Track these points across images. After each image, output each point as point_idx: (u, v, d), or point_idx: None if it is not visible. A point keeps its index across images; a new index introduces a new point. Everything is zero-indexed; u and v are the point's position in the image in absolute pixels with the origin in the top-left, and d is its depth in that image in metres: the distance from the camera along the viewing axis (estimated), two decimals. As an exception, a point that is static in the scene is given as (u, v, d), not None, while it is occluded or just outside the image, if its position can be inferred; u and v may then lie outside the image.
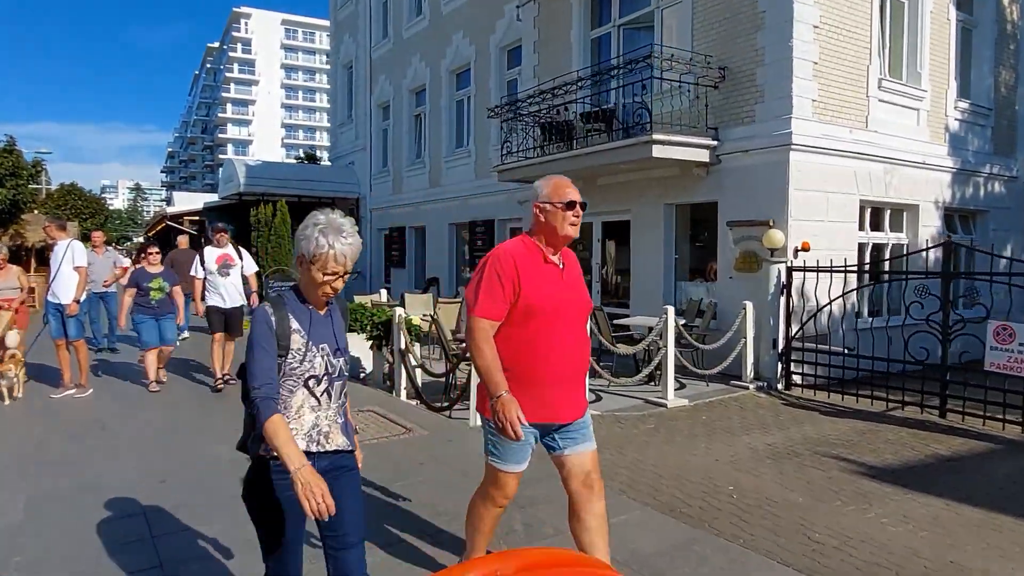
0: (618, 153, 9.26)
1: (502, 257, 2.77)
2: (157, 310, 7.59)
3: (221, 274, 7.72)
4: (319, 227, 2.20)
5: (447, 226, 16.62)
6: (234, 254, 7.94)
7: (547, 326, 2.71)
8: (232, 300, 7.78)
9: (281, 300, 2.26)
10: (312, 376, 2.25)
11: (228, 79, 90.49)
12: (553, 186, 2.88)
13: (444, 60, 16.50)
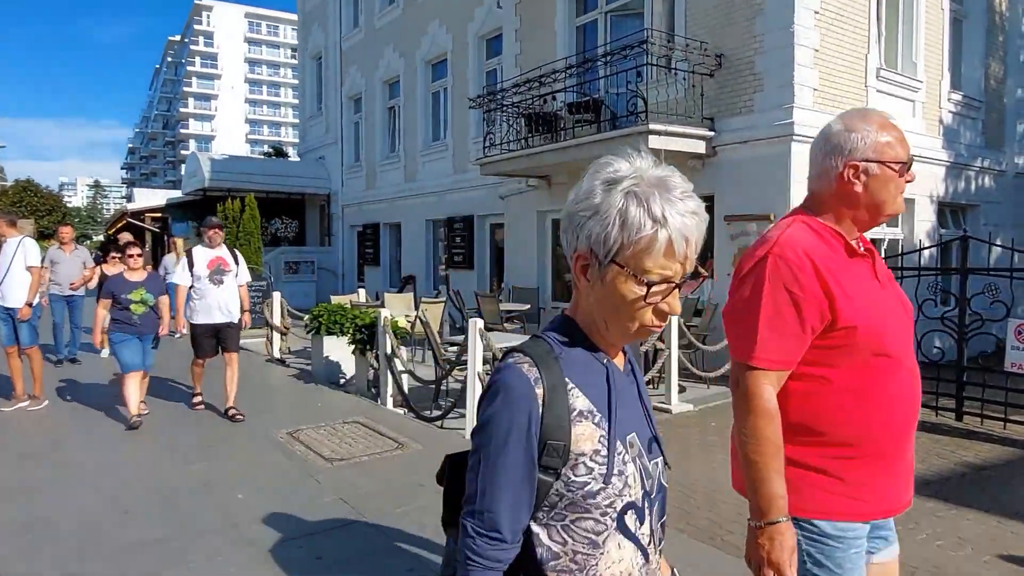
0: (611, 144, 8.79)
1: (791, 258, 1.68)
2: (140, 327, 6.09)
3: (213, 282, 6.29)
4: (625, 186, 1.12)
5: (424, 222, 16.05)
6: (229, 258, 6.49)
7: (880, 363, 1.67)
8: (224, 314, 6.34)
9: (547, 348, 1.15)
10: (629, 505, 1.13)
11: (190, 73, 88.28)
12: (881, 130, 1.73)
13: (419, 50, 15.91)
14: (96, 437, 5.77)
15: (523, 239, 12.27)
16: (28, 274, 6.69)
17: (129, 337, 6.04)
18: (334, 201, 20.21)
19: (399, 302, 10.76)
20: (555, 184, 11.55)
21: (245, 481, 4.59)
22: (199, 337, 6.39)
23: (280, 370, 9.08)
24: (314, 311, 8.44)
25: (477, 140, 13.99)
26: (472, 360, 5.74)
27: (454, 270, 14.83)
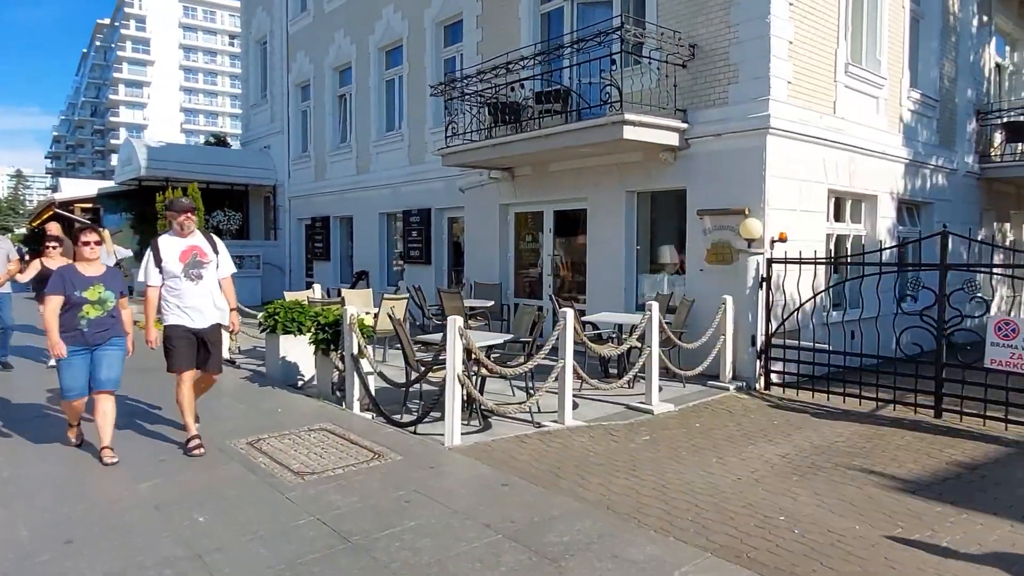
0: (583, 135, 8.50)
1: None
2: (90, 336, 4.82)
3: (189, 277, 5.12)
4: None
5: (377, 216, 15.45)
6: (206, 246, 5.29)
7: None
8: (206, 317, 5.20)
9: None
10: None
11: (121, 59, 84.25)
12: None
13: (372, 36, 15.28)
14: (28, 452, 5.12)
15: (484, 234, 11.87)
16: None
17: (77, 351, 4.79)
18: (280, 193, 19.36)
19: (357, 299, 10.20)
20: (519, 176, 11.20)
21: (205, 501, 4.08)
22: (176, 341, 5.06)
23: (230, 372, 8.45)
24: (269, 308, 7.86)
25: (435, 130, 13.52)
26: (451, 361, 5.33)
27: (410, 265, 14.32)
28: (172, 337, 5.08)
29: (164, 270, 5.08)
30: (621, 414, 6.69)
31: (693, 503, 4.23)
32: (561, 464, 4.93)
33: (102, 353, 4.88)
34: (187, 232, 5.24)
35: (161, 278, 5.10)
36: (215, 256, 5.35)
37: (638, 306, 9.76)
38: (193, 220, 5.30)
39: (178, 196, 12.61)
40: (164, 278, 5.09)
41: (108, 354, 4.91)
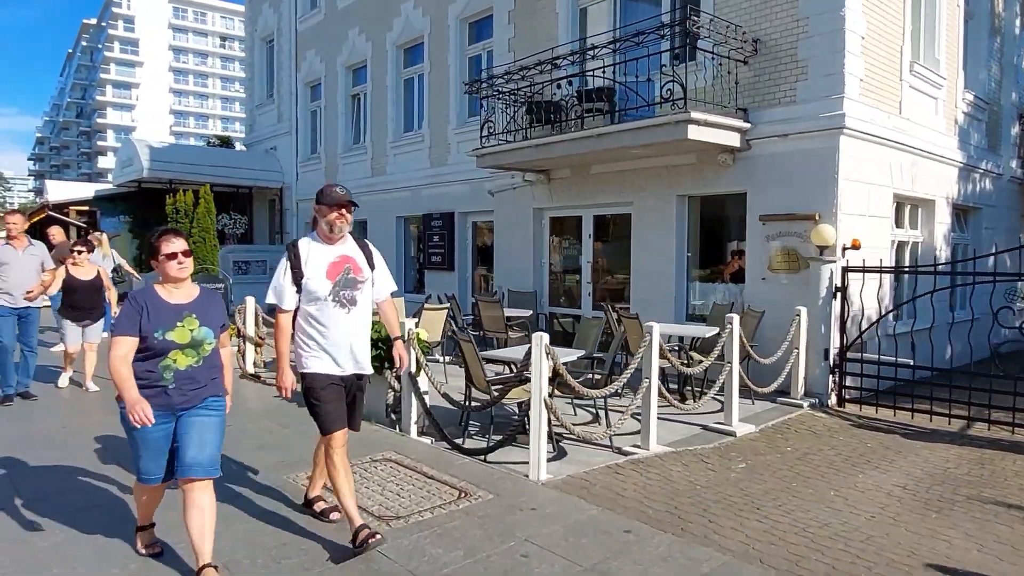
0: (641, 135, 7.94)
1: None
2: (178, 398, 3.20)
3: (339, 301, 3.58)
4: None
5: (394, 220, 14.84)
6: (361, 259, 3.71)
7: None
8: (360, 359, 3.71)
9: None
10: None
11: (108, 59, 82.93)
12: None
13: (390, 33, 14.69)
14: (42, 502, 4.47)
15: (516, 239, 11.29)
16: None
17: (161, 415, 3.11)
18: (287, 195, 18.69)
19: None
20: (556, 179, 10.64)
21: (273, 557, 3.45)
22: (322, 393, 3.56)
23: (260, 389, 7.81)
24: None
25: (459, 131, 12.96)
26: (538, 382, 4.75)
27: (431, 271, 13.71)
28: (316, 389, 3.57)
29: (306, 289, 3.54)
30: (701, 436, 6.13)
31: (847, 549, 3.68)
32: (675, 502, 4.36)
33: (193, 420, 3.22)
34: (338, 236, 3.62)
35: (297, 300, 3.58)
36: (370, 272, 3.73)
37: (688, 316, 9.23)
38: (348, 219, 3.63)
39: (185, 199, 11.95)
40: (303, 301, 3.57)
41: (202, 422, 3.23)
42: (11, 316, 6.80)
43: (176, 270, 3.24)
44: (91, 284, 7.36)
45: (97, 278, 7.41)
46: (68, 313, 7.34)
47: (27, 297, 6.75)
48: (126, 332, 3.13)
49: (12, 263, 6.74)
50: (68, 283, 7.16)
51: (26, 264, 6.81)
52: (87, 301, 7.35)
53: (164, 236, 3.28)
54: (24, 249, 6.84)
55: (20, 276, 6.73)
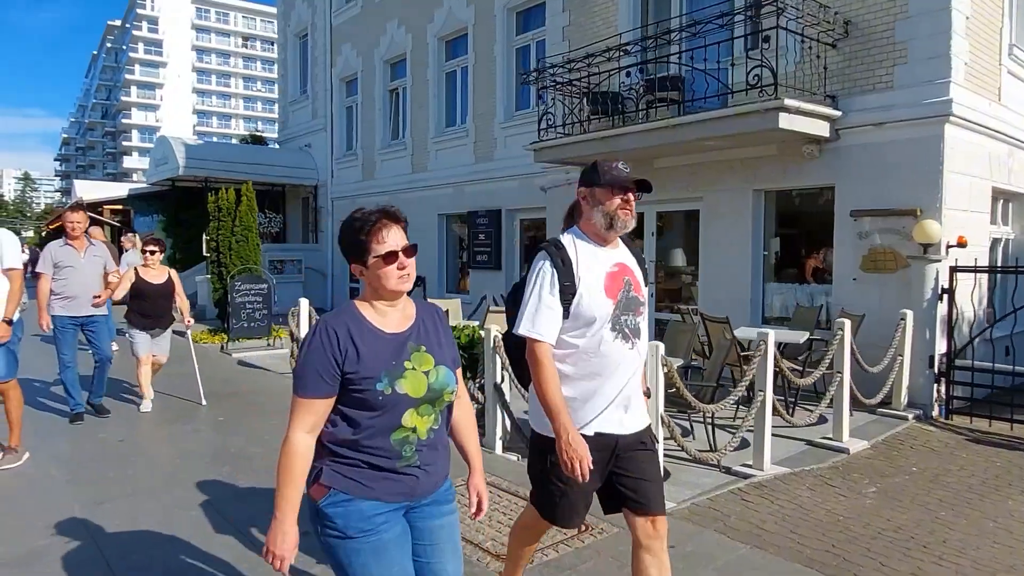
0: (723, 124, 7.38)
1: None
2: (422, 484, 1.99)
3: (620, 330, 2.41)
4: None
5: (436, 217, 14.38)
6: (637, 269, 2.58)
7: None
8: (636, 413, 2.52)
9: None
10: None
11: (132, 60, 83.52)
12: None
13: (431, 25, 14.22)
14: (107, 516, 4.03)
15: (571, 237, 10.75)
16: (4, 280, 4.89)
17: (385, 511, 1.94)
18: (322, 193, 18.30)
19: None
20: (615, 174, 10.08)
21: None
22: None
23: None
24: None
25: (506, 125, 12.47)
26: (655, 396, 4.23)
27: (476, 270, 13.23)
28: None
29: (576, 314, 2.39)
30: (811, 453, 5.58)
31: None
32: (827, 538, 3.81)
33: (437, 523, 2.07)
34: (612, 237, 2.50)
35: (556, 329, 2.39)
36: (644, 287, 2.57)
37: (763, 319, 8.66)
38: (632, 210, 2.52)
39: (228, 196, 11.53)
40: (565, 331, 2.40)
41: (451, 522, 2.12)
42: (72, 328, 6.10)
43: (397, 280, 1.98)
44: (162, 289, 6.65)
45: (168, 282, 6.70)
46: (137, 320, 6.57)
47: (95, 303, 6.12)
48: (315, 392, 1.86)
49: (74, 266, 6.01)
50: (137, 287, 6.48)
51: (89, 267, 6.13)
52: (158, 307, 6.64)
53: (377, 224, 2.00)
54: (85, 250, 6.14)
55: (83, 281, 6.06)
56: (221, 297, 11.05)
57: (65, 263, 5.99)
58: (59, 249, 6.04)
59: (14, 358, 4.98)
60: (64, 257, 6.01)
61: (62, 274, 5.97)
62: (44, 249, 6.04)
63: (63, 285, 5.99)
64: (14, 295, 4.89)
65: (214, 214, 11.19)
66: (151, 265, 6.64)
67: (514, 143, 12.33)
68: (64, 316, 6.02)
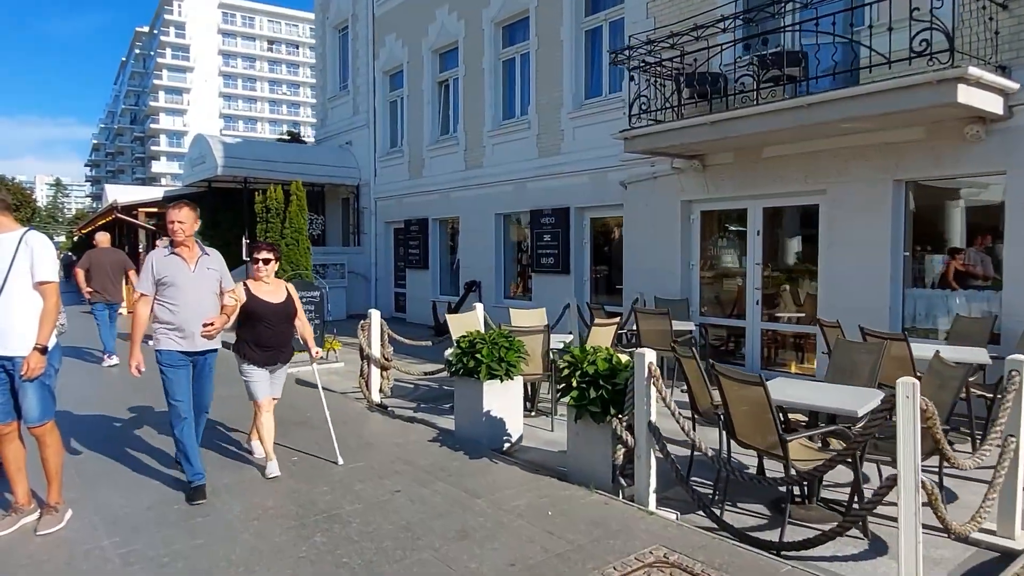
0: (884, 100, 6.13)
1: None
2: None
3: None
4: None
5: (493, 217, 13.27)
6: None
7: None
8: None
9: None
10: None
11: (160, 65, 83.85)
12: None
13: (487, 10, 13.14)
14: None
15: (657, 237, 9.61)
16: (38, 296, 3.86)
17: None
18: (364, 193, 17.32)
19: (461, 325, 7.55)
20: (712, 166, 8.94)
21: None
22: None
23: (398, 427, 6.28)
24: (462, 341, 5.68)
25: (576, 115, 11.35)
26: (910, 450, 3.07)
27: (541, 274, 12.11)
28: None
29: None
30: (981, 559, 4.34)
31: None
32: None
33: None
34: None
35: None
36: None
37: (903, 331, 7.42)
38: None
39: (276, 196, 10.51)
40: None
41: None
42: (186, 366, 4.47)
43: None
44: (281, 310, 4.92)
45: (288, 301, 5.00)
46: (252, 353, 4.83)
47: (205, 333, 4.48)
48: None
49: (183, 284, 4.42)
50: (251, 309, 4.80)
51: (202, 284, 4.51)
52: (278, 335, 4.91)
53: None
54: (197, 261, 4.50)
55: (195, 302, 4.46)
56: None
57: (172, 279, 4.41)
58: (164, 260, 4.45)
59: (50, 395, 3.95)
60: (171, 271, 4.42)
61: (168, 294, 4.43)
62: (144, 260, 4.57)
63: (172, 310, 4.42)
64: (49, 315, 3.86)
65: (261, 215, 10.19)
66: (265, 279, 4.98)
67: (584, 135, 11.22)
68: (176, 351, 4.44)
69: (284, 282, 5.17)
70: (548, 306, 9.23)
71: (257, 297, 4.85)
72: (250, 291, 4.84)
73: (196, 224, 4.57)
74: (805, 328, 8.29)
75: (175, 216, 4.47)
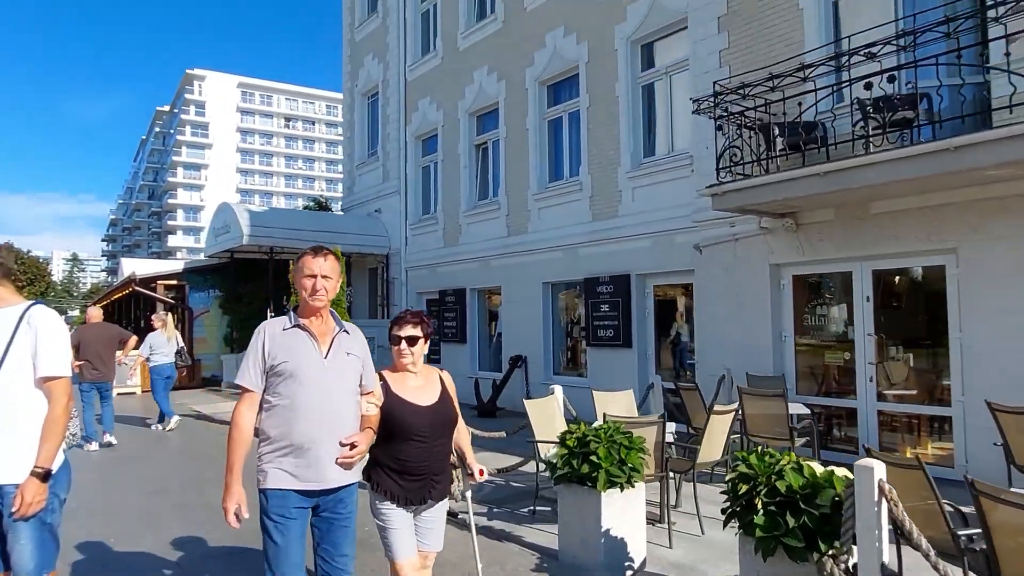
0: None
1: None
2: None
3: None
4: None
5: (540, 287, 12.26)
6: None
7: None
8: None
9: None
10: None
11: (180, 142, 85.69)
12: None
13: (531, 68, 12.53)
14: None
15: (739, 305, 8.53)
16: (41, 394, 2.78)
17: None
18: (394, 263, 16.43)
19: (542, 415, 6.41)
20: (807, 224, 7.93)
21: None
22: None
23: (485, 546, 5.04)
24: (569, 439, 4.53)
25: (634, 174, 10.49)
26: None
27: (597, 348, 10.98)
28: None
29: None
30: None
31: None
32: None
33: None
34: None
35: None
36: None
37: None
38: None
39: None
40: None
41: None
42: (302, 513, 2.79)
43: None
44: (439, 416, 3.13)
45: (445, 399, 3.18)
46: (390, 484, 3.01)
47: (344, 460, 2.79)
48: None
49: (310, 377, 2.78)
50: (391, 416, 3.00)
51: (339, 377, 2.86)
52: (432, 454, 3.09)
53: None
54: (332, 342, 2.89)
55: (326, 407, 2.80)
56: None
57: (294, 367, 2.77)
58: (283, 336, 2.83)
59: (52, 538, 2.81)
60: (293, 355, 2.79)
61: (286, 391, 2.76)
62: (255, 336, 2.86)
63: (289, 419, 2.75)
64: (56, 424, 2.76)
65: (295, 288, 9.17)
66: (411, 367, 3.13)
67: (645, 195, 10.33)
68: (292, 491, 2.75)
69: (436, 369, 3.31)
70: (606, 383, 8.16)
71: (402, 399, 3.04)
72: (390, 388, 3.06)
73: (339, 278, 2.99)
74: (935, 409, 7.09)
75: (316, 267, 2.83)
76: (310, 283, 2.83)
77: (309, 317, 2.88)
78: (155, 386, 10.65)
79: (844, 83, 6.61)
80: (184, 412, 12.32)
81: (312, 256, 2.89)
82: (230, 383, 15.61)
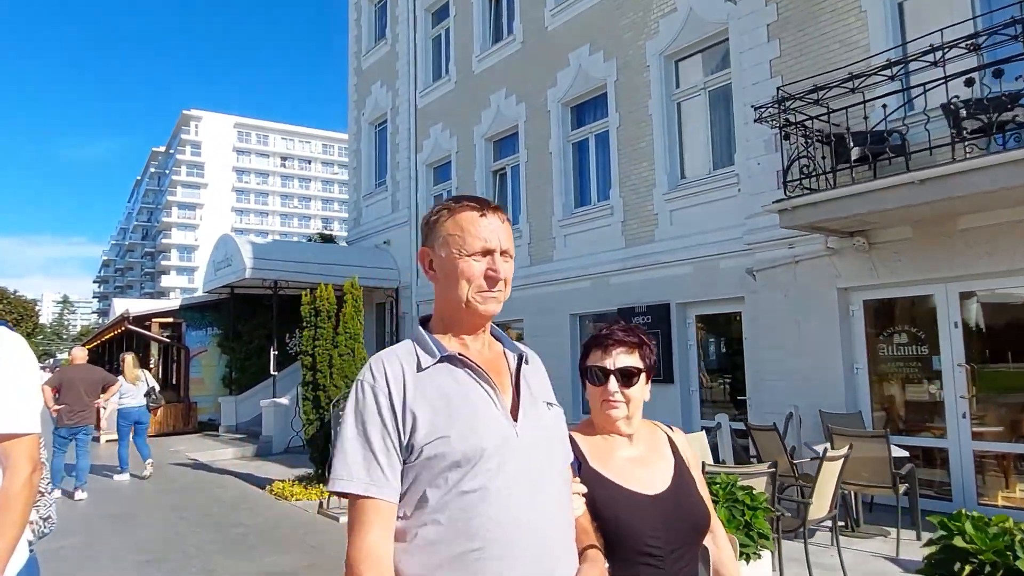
0: None
1: None
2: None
3: None
4: None
5: (567, 318, 11.42)
6: None
7: None
8: None
9: None
10: None
11: (175, 182, 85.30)
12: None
13: (553, 89, 11.89)
14: None
15: (805, 334, 7.70)
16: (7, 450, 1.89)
17: None
18: (404, 297, 15.58)
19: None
20: (880, 243, 7.16)
21: None
22: None
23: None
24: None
25: (671, 196, 9.76)
26: None
27: (634, 385, 10.07)
28: None
29: None
30: None
31: None
32: None
33: None
34: None
35: None
36: None
37: None
38: None
39: (326, 295, 8.70)
40: None
41: None
42: None
43: None
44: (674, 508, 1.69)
45: (681, 482, 1.76)
46: None
47: None
48: None
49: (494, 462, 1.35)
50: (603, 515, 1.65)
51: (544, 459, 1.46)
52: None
53: None
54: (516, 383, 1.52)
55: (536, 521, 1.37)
56: (317, 431, 8.01)
57: (464, 447, 1.33)
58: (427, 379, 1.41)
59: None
60: (457, 416, 1.36)
61: (455, 499, 1.32)
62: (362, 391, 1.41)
63: (462, 564, 1.30)
64: (14, 504, 1.86)
65: (309, 319, 8.31)
66: (624, 427, 1.79)
67: (685, 218, 9.59)
68: None
69: (660, 426, 1.92)
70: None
71: (615, 484, 1.70)
72: (588, 464, 1.73)
73: None
74: (1046, 450, 6.22)
75: (492, 234, 1.47)
76: (482, 265, 1.44)
77: (461, 335, 1.50)
78: (119, 431, 9.54)
79: (938, 80, 5.88)
80: (179, 461, 11.31)
81: (479, 211, 1.47)
82: (229, 427, 14.59)
